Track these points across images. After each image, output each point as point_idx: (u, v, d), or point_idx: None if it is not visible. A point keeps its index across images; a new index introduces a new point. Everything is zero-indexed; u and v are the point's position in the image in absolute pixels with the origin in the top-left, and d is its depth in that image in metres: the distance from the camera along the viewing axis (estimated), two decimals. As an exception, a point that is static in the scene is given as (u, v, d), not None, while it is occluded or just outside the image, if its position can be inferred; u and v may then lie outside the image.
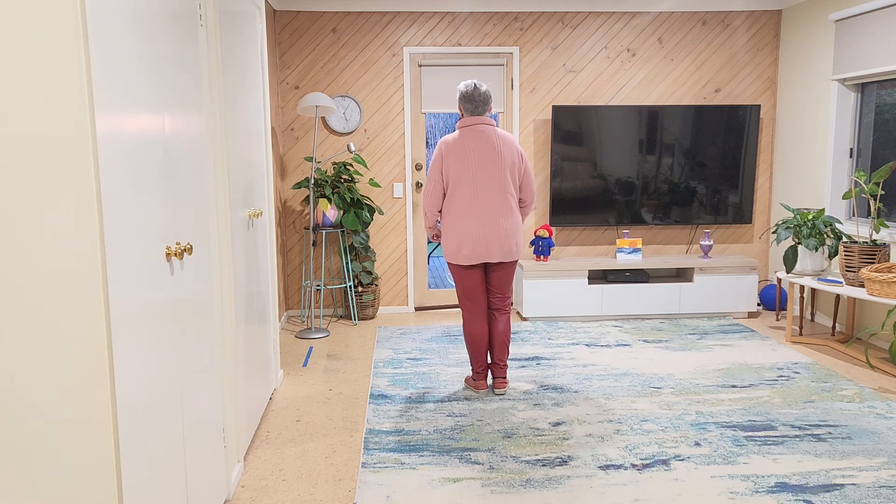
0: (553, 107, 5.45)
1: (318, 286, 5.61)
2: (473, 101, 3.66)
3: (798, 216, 4.65)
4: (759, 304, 5.84)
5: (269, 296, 3.80)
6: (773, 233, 4.95)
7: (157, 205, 1.95)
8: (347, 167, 5.35)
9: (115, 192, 1.65)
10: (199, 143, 2.42)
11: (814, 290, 5.40)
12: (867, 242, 4.30)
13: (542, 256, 5.54)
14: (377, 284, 5.62)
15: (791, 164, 5.58)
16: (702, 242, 5.57)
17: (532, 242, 5.59)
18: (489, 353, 3.90)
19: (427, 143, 5.70)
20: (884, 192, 4.68)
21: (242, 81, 3.19)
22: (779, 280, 5.33)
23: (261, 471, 2.95)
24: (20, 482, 1.24)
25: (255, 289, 3.39)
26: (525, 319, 5.44)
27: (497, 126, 3.73)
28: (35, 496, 1.28)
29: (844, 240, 4.61)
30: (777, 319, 5.37)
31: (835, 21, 4.96)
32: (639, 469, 2.90)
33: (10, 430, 1.21)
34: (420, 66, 5.55)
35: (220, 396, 2.65)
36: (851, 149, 5.03)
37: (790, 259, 4.65)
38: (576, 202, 5.61)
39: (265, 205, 3.73)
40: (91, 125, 1.54)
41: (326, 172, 5.33)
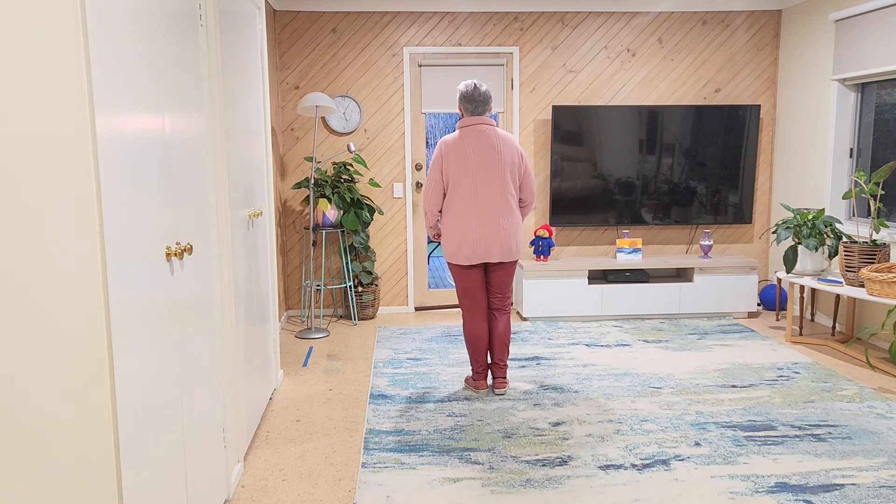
0: (553, 107, 5.45)
1: (318, 286, 5.61)
2: (473, 101, 3.66)
3: (798, 216, 4.65)
4: (759, 304, 5.84)
5: (269, 296, 3.80)
6: (773, 233, 4.95)
7: (157, 205, 1.95)
8: (347, 167, 5.36)
9: (115, 192, 1.65)
10: (199, 143, 2.42)
11: (814, 290, 5.40)
12: (867, 242, 4.30)
13: (542, 256, 5.54)
14: (377, 284, 5.62)
15: (791, 164, 5.58)
16: (702, 242, 5.57)
17: (532, 242, 5.59)
18: (489, 353, 3.90)
19: (427, 143, 5.70)
20: (884, 192, 4.68)
21: (242, 81, 3.19)
22: (779, 280, 5.33)
23: (261, 471, 2.95)
24: (20, 482, 1.24)
25: (255, 289, 3.39)
26: (525, 319, 5.44)
27: (497, 126, 3.73)
28: (35, 496, 1.28)
29: (844, 240, 4.61)
30: (777, 319, 5.37)
31: (835, 21, 4.96)
32: (639, 469, 2.90)
33: (10, 430, 1.21)
34: (420, 66, 5.55)
35: (220, 396, 2.65)
36: (851, 149, 5.03)
37: (790, 259, 4.65)
38: (576, 202, 5.61)
39: (265, 205, 3.73)
40: (91, 125, 1.54)
41: (326, 172, 5.33)
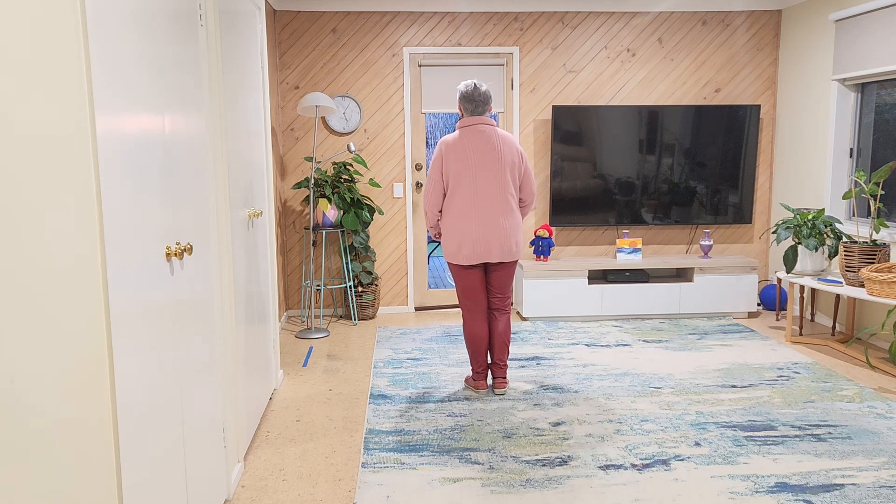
0: (553, 107, 5.45)
1: (318, 286, 5.61)
2: (473, 101, 3.66)
3: (798, 216, 4.65)
4: (759, 304, 5.84)
5: (269, 296, 3.80)
6: (773, 233, 4.95)
7: (157, 205, 1.95)
8: (347, 167, 5.36)
9: (115, 192, 1.65)
10: (199, 143, 2.42)
11: (814, 290, 5.40)
12: (867, 242, 4.30)
13: (542, 256, 5.54)
14: (377, 284, 5.62)
15: (791, 164, 5.57)
16: (702, 242, 5.57)
17: (532, 242, 5.59)
18: (489, 353, 3.90)
19: (427, 143, 5.70)
20: (884, 192, 4.68)
21: (242, 81, 3.19)
22: (779, 280, 5.33)
23: (261, 471, 2.95)
24: (20, 482, 1.24)
25: (255, 289, 3.39)
26: (525, 319, 5.44)
27: (497, 126, 3.73)
28: (35, 496, 1.28)
29: (844, 240, 4.61)
30: (777, 319, 5.37)
31: (835, 21, 4.96)
32: (639, 469, 2.90)
33: (10, 430, 1.21)
34: (420, 66, 5.55)
35: (220, 396, 2.65)
36: (851, 149, 5.03)
37: (790, 259, 4.65)
38: (576, 202, 5.61)
39: (265, 205, 3.73)
40: (91, 125, 1.54)
41: (326, 172, 5.33)
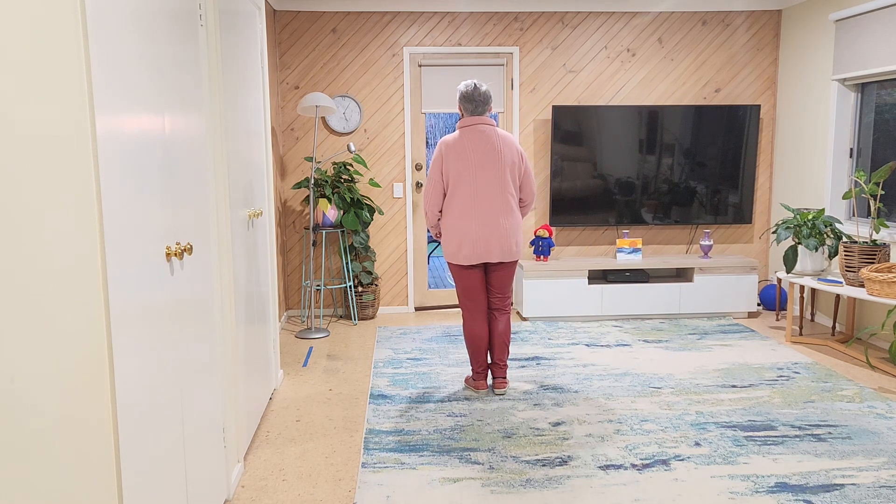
0: (553, 107, 5.45)
1: (318, 286, 5.61)
2: (473, 101, 3.66)
3: (798, 216, 4.65)
4: (759, 304, 5.84)
5: (269, 296, 3.80)
6: (773, 233, 4.95)
7: (157, 205, 1.95)
8: (347, 167, 5.36)
9: (115, 192, 1.65)
10: (199, 143, 2.42)
11: (814, 290, 5.40)
12: (867, 242, 4.30)
13: (542, 256, 5.54)
14: (377, 284, 5.62)
15: (791, 164, 5.57)
16: (702, 242, 5.57)
17: (532, 242, 5.59)
18: (489, 353, 3.90)
19: (427, 143, 5.70)
20: (884, 192, 4.68)
21: (242, 81, 3.19)
22: (779, 280, 5.33)
23: (261, 471, 2.95)
24: (20, 482, 1.24)
25: (255, 289, 3.39)
26: (525, 319, 5.44)
27: (497, 126, 3.73)
28: (35, 496, 1.28)
29: (844, 240, 4.61)
30: (777, 319, 5.37)
31: (835, 21, 4.96)
32: (639, 469, 2.90)
33: (10, 430, 1.21)
34: (420, 66, 5.55)
35: (220, 396, 2.65)
36: (851, 149, 5.03)
37: (790, 259, 4.65)
38: (576, 202, 5.61)
39: (265, 205, 3.73)
40: (91, 125, 1.54)
41: (326, 172, 5.33)
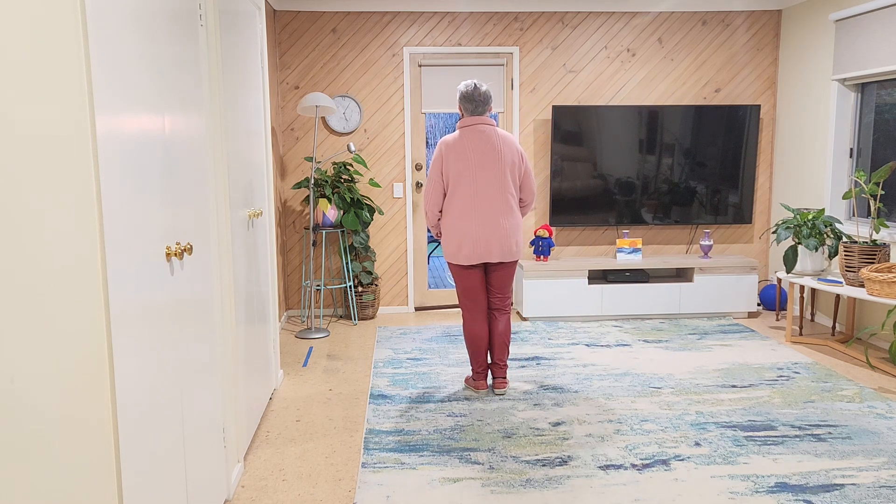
0: (553, 107, 5.45)
1: (318, 286, 5.61)
2: (473, 101, 3.66)
3: (798, 216, 4.65)
4: (759, 304, 5.84)
5: (269, 296, 3.80)
6: (773, 233, 4.95)
7: (157, 205, 1.95)
8: (347, 167, 5.36)
9: (115, 192, 1.65)
10: (199, 143, 2.42)
11: (814, 290, 5.40)
12: (867, 242, 4.30)
13: (542, 256, 5.54)
14: (377, 284, 5.62)
15: (791, 164, 5.58)
16: (702, 242, 5.57)
17: (532, 242, 5.59)
18: (489, 353, 3.90)
19: (427, 143, 5.70)
20: (884, 192, 4.68)
21: (242, 81, 3.19)
22: (779, 280, 5.33)
23: (261, 471, 2.95)
24: (20, 482, 1.24)
25: (255, 289, 3.39)
26: (525, 319, 5.44)
27: (497, 126, 3.73)
28: (35, 496, 1.28)
29: (844, 240, 4.61)
30: (777, 319, 5.37)
31: (835, 21, 4.96)
32: (639, 469, 2.90)
33: (10, 430, 1.21)
34: (420, 66, 5.55)
35: (220, 396, 2.65)
36: (851, 149, 5.03)
37: (790, 259, 4.65)
38: (576, 202, 5.61)
39: (265, 205, 3.73)
40: (91, 125, 1.54)
41: (326, 172, 5.33)
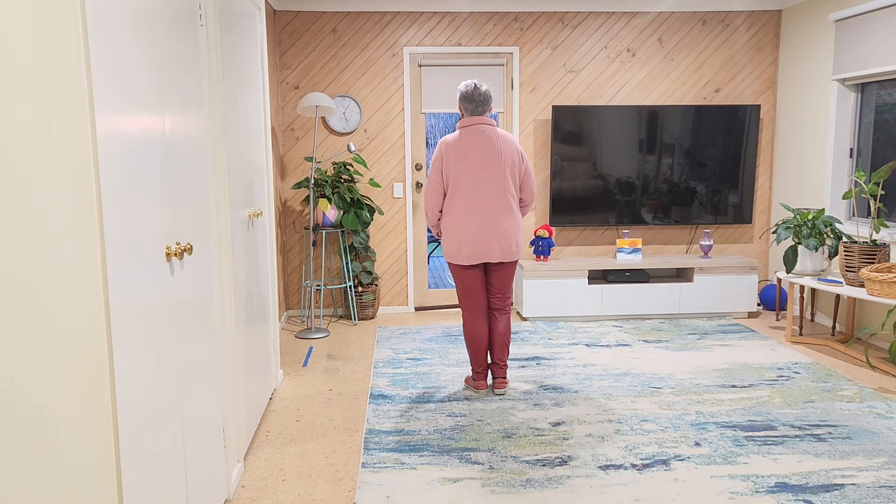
0: (553, 107, 5.45)
1: (318, 286, 5.61)
2: (473, 101, 3.66)
3: (798, 216, 4.65)
4: (759, 304, 5.84)
5: (269, 296, 3.80)
6: (773, 233, 4.95)
7: (157, 205, 1.95)
8: (347, 167, 5.36)
9: (115, 192, 1.65)
10: (199, 143, 2.42)
11: (814, 290, 5.40)
12: (867, 242, 4.30)
13: (542, 256, 5.54)
14: (377, 284, 5.62)
15: (791, 164, 5.58)
16: (702, 242, 5.57)
17: (532, 242, 5.59)
18: (489, 353, 3.90)
19: (427, 143, 5.70)
20: (884, 192, 4.68)
21: (242, 81, 3.19)
22: (779, 280, 5.33)
23: (261, 471, 2.95)
24: (21, 482, 1.24)
25: (255, 289, 3.39)
26: (525, 319, 5.44)
27: (497, 126, 3.73)
28: (35, 496, 1.28)
29: (844, 240, 4.61)
30: (777, 319, 5.37)
31: (835, 21, 4.96)
32: (639, 469, 2.90)
33: (10, 430, 1.21)
34: (420, 66, 5.55)
35: (220, 396, 2.65)
36: (851, 149, 5.03)
37: (790, 259, 4.65)
38: (576, 202, 5.61)
39: (265, 205, 3.73)
40: (91, 125, 1.54)
41: (326, 172, 5.33)
